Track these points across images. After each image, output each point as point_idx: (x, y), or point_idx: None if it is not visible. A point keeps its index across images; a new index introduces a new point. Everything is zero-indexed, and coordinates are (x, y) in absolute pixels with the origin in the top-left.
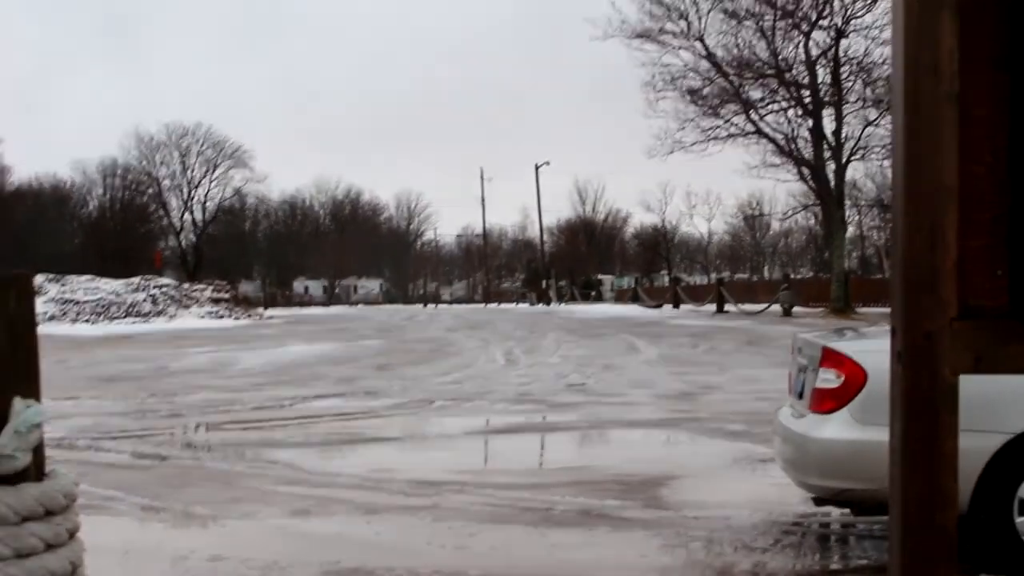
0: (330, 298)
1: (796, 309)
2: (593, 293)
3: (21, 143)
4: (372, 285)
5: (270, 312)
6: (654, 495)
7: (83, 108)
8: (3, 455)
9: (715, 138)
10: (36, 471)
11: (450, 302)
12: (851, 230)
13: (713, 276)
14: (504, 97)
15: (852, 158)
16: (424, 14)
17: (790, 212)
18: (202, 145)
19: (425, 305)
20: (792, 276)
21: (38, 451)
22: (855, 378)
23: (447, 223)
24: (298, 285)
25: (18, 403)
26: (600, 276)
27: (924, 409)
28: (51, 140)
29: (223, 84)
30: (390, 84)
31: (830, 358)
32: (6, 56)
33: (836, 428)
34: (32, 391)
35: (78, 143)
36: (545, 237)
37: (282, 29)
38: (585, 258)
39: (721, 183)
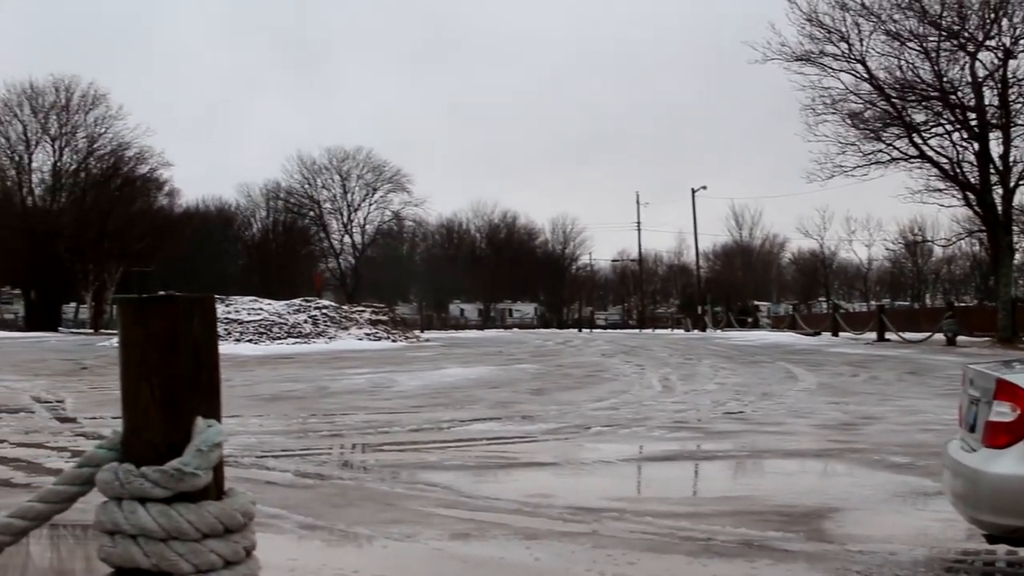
0: (485, 321)
1: (960, 338)
2: (749, 319)
3: (191, 166)
4: (527, 309)
5: (426, 335)
6: (816, 527)
7: (248, 133)
8: (186, 472)
9: (877, 162)
10: (216, 489)
11: (604, 327)
12: (1019, 256)
13: (873, 303)
14: (661, 121)
15: (1021, 182)
16: (588, 39)
17: (954, 238)
18: (362, 169)
19: (580, 329)
20: (956, 304)
21: (218, 470)
22: None
23: (602, 247)
24: (454, 308)
25: (200, 422)
26: (756, 302)
27: None
28: (218, 163)
29: (388, 108)
30: (548, 108)
31: (1005, 390)
32: (179, 84)
33: (1011, 463)
34: (213, 411)
35: (243, 166)
36: (701, 262)
37: (448, 55)
38: (741, 284)
39: (882, 208)
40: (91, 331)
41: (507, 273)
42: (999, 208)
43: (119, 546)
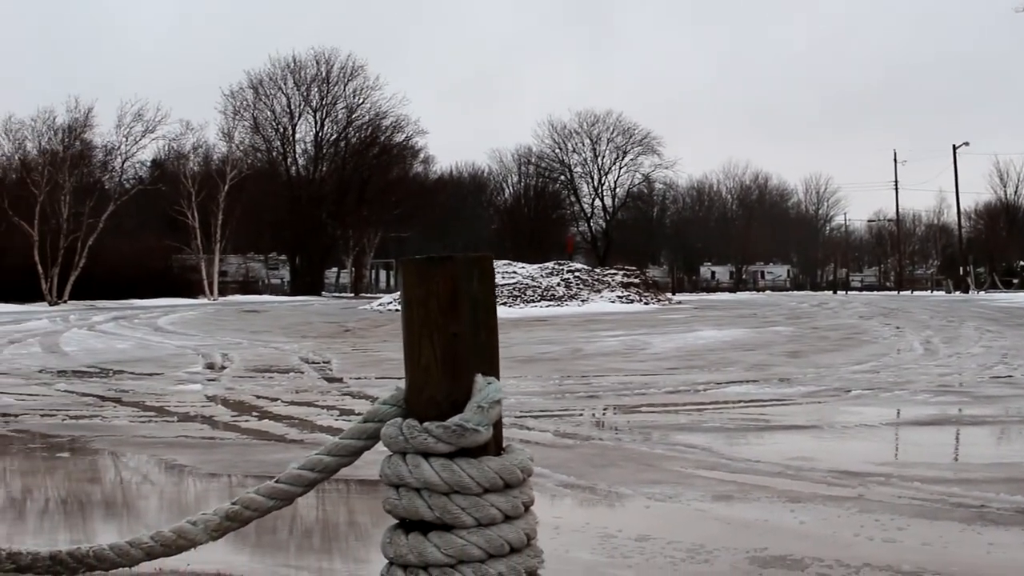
0: (737, 283)
1: None
2: (1015, 281)
3: (446, 133)
4: (779, 271)
5: (678, 297)
6: None
7: (504, 99)
8: (467, 428)
9: None
10: (495, 445)
11: (860, 288)
12: None
13: None
14: (925, 76)
15: None
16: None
17: None
18: (612, 132)
19: (834, 291)
20: None
21: (497, 427)
22: None
23: (857, 207)
24: (704, 270)
25: (480, 380)
26: (1023, 263)
27: None
28: (476, 128)
29: (657, 69)
30: (808, 68)
31: None
32: (437, 53)
33: None
34: (492, 369)
35: (497, 132)
36: (962, 222)
37: (727, 10)
38: (1006, 244)
39: None
40: (351, 295)
41: (759, 235)
42: None
43: (404, 498)
